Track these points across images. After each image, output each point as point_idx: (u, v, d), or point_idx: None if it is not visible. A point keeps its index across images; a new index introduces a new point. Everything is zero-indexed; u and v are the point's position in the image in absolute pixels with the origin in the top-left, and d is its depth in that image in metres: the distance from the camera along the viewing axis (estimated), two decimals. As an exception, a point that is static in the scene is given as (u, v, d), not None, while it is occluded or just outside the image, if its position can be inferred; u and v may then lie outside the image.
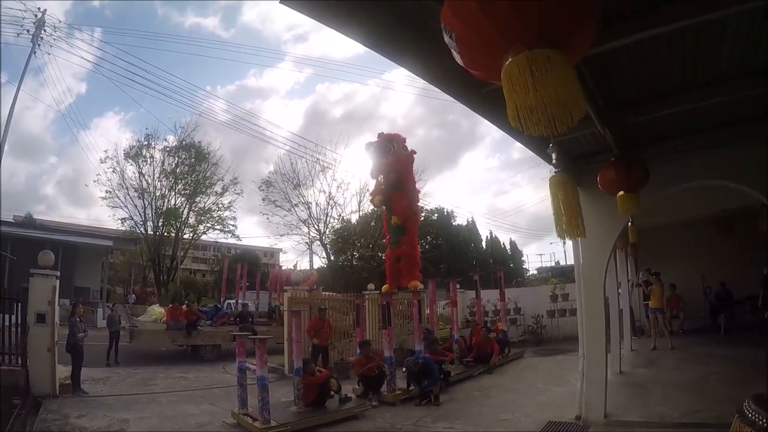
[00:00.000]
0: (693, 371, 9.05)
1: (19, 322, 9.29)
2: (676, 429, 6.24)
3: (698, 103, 5.22)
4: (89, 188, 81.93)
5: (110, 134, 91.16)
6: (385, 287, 12.09)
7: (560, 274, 27.15)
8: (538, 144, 6.03)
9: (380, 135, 12.64)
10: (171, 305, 16.09)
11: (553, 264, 52.95)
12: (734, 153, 6.28)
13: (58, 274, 9.80)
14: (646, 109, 5.40)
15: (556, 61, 1.95)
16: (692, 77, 4.84)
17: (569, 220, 2.48)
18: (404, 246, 12.29)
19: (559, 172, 2.69)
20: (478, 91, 3.81)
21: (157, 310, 17.18)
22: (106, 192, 33.63)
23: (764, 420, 2.32)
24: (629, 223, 7.64)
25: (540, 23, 1.96)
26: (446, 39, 2.15)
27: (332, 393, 8.12)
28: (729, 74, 4.79)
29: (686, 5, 3.35)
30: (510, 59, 2.03)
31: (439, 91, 3.86)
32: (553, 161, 2.75)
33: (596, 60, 4.15)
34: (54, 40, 24.45)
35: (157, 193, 33.92)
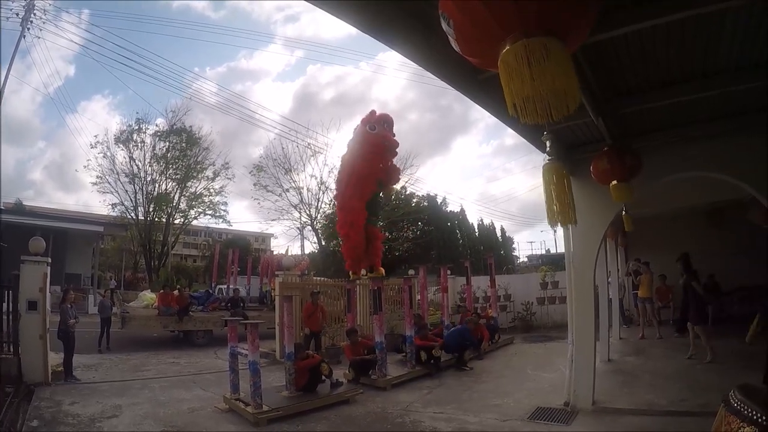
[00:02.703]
0: (680, 360, 9.18)
1: (11, 309, 9.25)
2: (663, 417, 6.33)
3: (693, 95, 5.25)
4: (78, 173, 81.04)
5: (99, 118, 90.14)
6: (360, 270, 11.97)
7: (550, 262, 27.32)
8: (532, 132, 6.06)
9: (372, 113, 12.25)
10: (162, 291, 16.05)
11: (543, 252, 53.33)
12: (726, 145, 6.35)
13: (49, 260, 9.73)
14: (640, 100, 5.44)
15: (554, 50, 1.96)
16: (688, 69, 4.87)
17: (561, 208, 2.50)
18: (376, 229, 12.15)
19: (552, 160, 2.70)
20: (474, 77, 3.81)
21: (148, 296, 17.19)
22: (97, 177, 33.41)
23: (749, 410, 2.37)
24: (624, 212, 7.68)
25: (538, 12, 1.97)
26: (444, 26, 2.15)
27: (323, 378, 8.16)
28: (725, 67, 4.83)
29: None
30: (507, 47, 2.03)
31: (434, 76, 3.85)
32: (547, 149, 2.77)
33: (593, 49, 4.17)
34: (43, 23, 24.13)
35: (148, 178, 33.69)
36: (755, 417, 2.33)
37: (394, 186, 11.70)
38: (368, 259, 11.67)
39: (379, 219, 12.30)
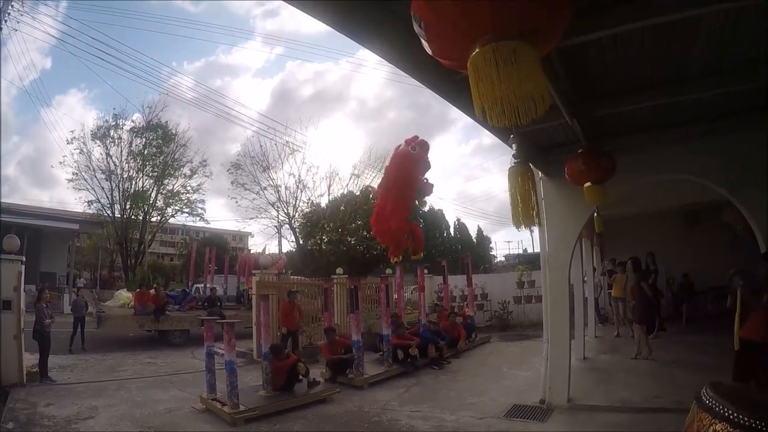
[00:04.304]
0: (656, 358, 9.32)
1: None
2: (637, 413, 6.44)
3: (667, 99, 5.34)
4: (54, 169, 79.36)
5: (75, 112, 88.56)
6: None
7: (527, 262, 27.54)
8: (507, 133, 6.12)
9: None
10: (138, 290, 15.86)
11: (520, 251, 53.69)
12: (699, 149, 6.51)
13: (24, 259, 9.56)
14: (615, 102, 5.49)
15: (523, 54, 1.98)
16: (663, 73, 4.94)
17: (525, 210, 2.54)
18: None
19: (518, 162, 2.74)
20: (449, 78, 3.82)
21: (124, 295, 16.95)
22: (73, 174, 32.83)
23: (720, 407, 2.43)
24: (595, 214, 7.79)
25: (510, 15, 1.98)
26: (416, 28, 2.16)
27: (300, 377, 8.16)
28: (699, 73, 4.91)
29: (662, 2, 3.42)
30: (477, 50, 2.05)
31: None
32: (514, 151, 2.81)
33: (568, 51, 4.21)
34: (21, 15, 23.65)
35: (125, 175, 33.12)
36: (726, 414, 2.40)
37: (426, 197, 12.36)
38: (413, 244, 12.19)
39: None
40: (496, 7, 1.96)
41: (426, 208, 37.78)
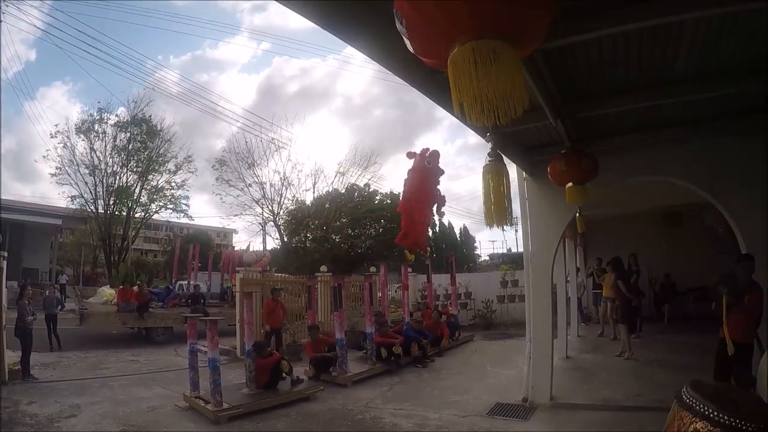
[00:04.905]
0: (637, 357, 9.43)
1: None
2: (619, 411, 6.49)
3: (651, 102, 5.40)
4: (36, 163, 78.24)
5: (59, 105, 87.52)
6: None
7: (511, 261, 27.63)
8: (487, 132, 6.14)
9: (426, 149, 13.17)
10: (122, 286, 15.71)
11: (505, 251, 53.98)
12: (682, 151, 6.60)
13: (6, 254, 9.45)
14: (599, 104, 5.52)
15: (502, 54, 1.99)
16: (647, 77, 4.97)
17: (498, 208, 2.55)
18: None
19: (492, 161, 2.76)
20: (432, 77, 3.83)
21: (107, 292, 16.80)
22: (56, 168, 32.48)
23: (700, 405, 2.46)
24: (578, 214, 7.87)
25: (491, 14, 1.99)
26: (398, 25, 2.17)
27: (284, 375, 8.14)
28: (683, 76, 4.95)
29: (646, 7, 3.44)
30: (456, 48, 2.06)
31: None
32: (489, 150, 2.82)
33: (553, 53, 4.24)
34: (7, 6, 23.35)
35: (109, 170, 32.81)
36: (706, 412, 2.43)
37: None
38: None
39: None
40: (476, 6, 1.97)
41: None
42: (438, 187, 7.30)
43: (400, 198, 7.65)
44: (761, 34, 4.02)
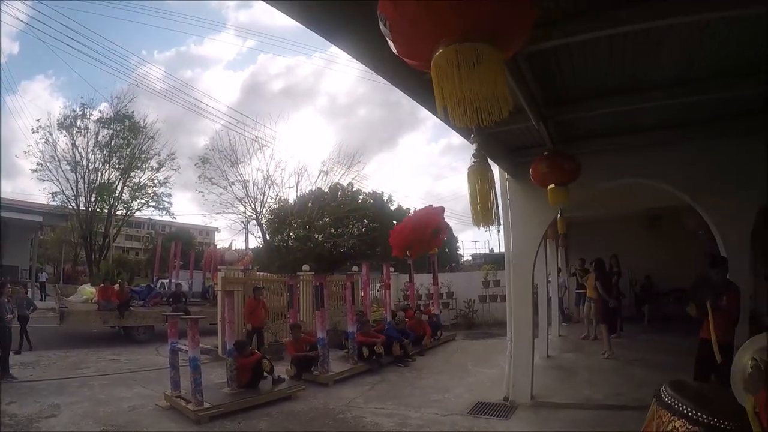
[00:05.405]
0: (618, 357, 9.56)
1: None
2: (599, 410, 6.58)
3: (632, 105, 5.47)
4: (16, 158, 77.01)
5: (41, 100, 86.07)
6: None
7: (493, 261, 27.80)
8: (471, 133, 6.18)
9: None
10: (102, 285, 15.45)
11: (487, 251, 54.36)
12: (662, 155, 6.72)
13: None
14: (581, 107, 5.60)
15: (486, 56, 2.00)
16: (629, 80, 5.04)
17: (484, 209, 2.57)
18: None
19: (477, 162, 2.78)
20: (417, 78, 3.84)
21: (87, 290, 16.56)
22: (38, 164, 32.03)
23: (679, 404, 2.51)
24: (559, 215, 7.94)
25: (474, 17, 2.00)
26: (381, 27, 2.17)
27: (265, 374, 8.11)
28: (664, 81, 5.03)
29: (629, 12, 3.49)
30: (440, 50, 2.07)
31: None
32: (474, 151, 2.84)
33: (536, 56, 4.28)
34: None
35: (91, 167, 32.40)
36: (685, 411, 2.48)
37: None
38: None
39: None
40: (459, 8, 1.97)
41: (393, 207, 37.87)
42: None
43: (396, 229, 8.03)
44: (733, 42, 4.11)
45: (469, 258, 54.77)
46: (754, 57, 4.42)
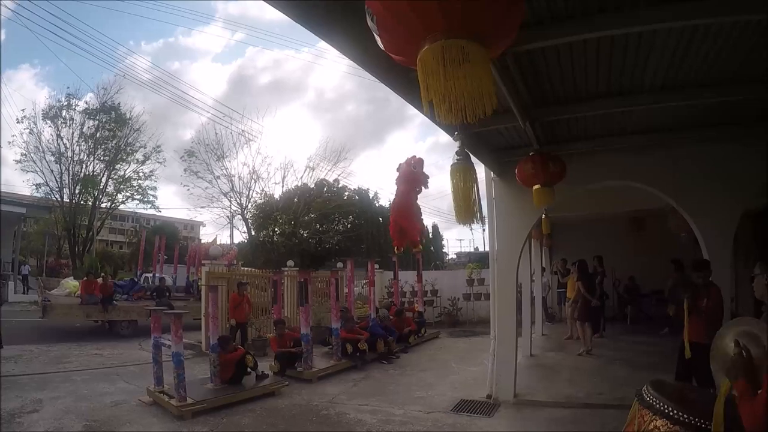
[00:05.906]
0: (600, 357, 9.67)
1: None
2: (581, 409, 6.64)
3: (619, 108, 5.52)
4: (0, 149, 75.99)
5: (26, 89, 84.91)
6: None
7: (478, 260, 27.93)
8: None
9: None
10: (86, 278, 15.29)
11: (472, 249, 54.59)
12: (647, 158, 6.80)
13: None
14: (568, 109, 5.61)
15: (472, 54, 2.01)
16: (616, 84, 5.06)
17: (466, 206, 2.59)
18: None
19: (460, 161, 2.79)
20: (403, 75, 3.84)
21: (71, 283, 16.39)
22: (21, 155, 31.62)
23: (661, 404, 2.55)
24: (543, 215, 7.99)
25: (462, 14, 2.00)
26: (368, 22, 2.18)
27: (249, 370, 8.09)
28: (651, 86, 5.07)
29: (618, 16, 3.51)
30: (426, 47, 2.07)
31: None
32: (457, 149, 2.85)
33: (524, 57, 4.29)
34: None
35: (75, 159, 32.01)
36: (667, 411, 2.52)
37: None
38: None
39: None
40: (446, 5, 1.98)
41: (377, 204, 37.92)
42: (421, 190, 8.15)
43: (390, 210, 8.15)
44: (720, 48, 4.16)
45: (454, 256, 54.96)
46: (740, 64, 4.48)
